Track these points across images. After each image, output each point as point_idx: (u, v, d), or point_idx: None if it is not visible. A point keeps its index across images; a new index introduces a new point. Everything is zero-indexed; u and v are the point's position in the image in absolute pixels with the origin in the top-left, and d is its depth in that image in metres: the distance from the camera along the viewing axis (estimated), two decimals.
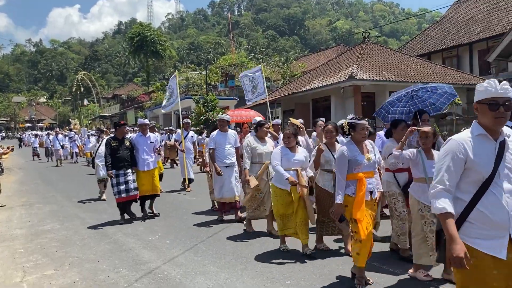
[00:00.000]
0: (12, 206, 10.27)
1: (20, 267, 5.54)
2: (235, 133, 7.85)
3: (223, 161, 7.44)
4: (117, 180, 7.80)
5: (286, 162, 5.49)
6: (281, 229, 5.66)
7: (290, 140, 5.58)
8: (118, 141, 7.96)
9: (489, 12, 26.66)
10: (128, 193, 7.85)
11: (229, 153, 7.50)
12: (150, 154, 8.32)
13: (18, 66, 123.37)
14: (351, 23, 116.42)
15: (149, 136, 8.42)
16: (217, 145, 7.46)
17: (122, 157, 7.86)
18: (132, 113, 48.15)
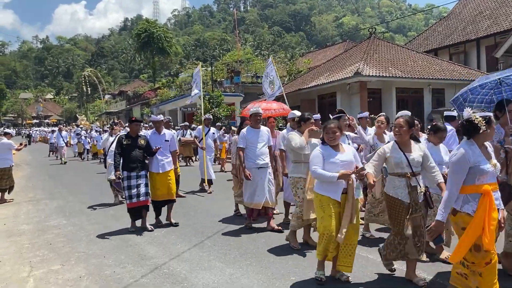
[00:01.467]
0: (19, 202, 10.35)
1: (27, 262, 5.59)
2: (268, 130, 6.93)
3: (256, 162, 6.57)
4: (129, 183, 6.89)
5: (329, 165, 4.41)
6: (323, 251, 4.45)
7: (336, 136, 4.54)
8: (131, 139, 7.05)
9: (497, 7, 26.40)
10: (139, 198, 6.93)
11: (262, 153, 6.62)
12: (166, 154, 7.32)
13: (25, 63, 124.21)
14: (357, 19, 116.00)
15: (164, 133, 7.49)
16: (249, 143, 6.62)
17: (135, 157, 6.94)
18: (138, 109, 48.26)
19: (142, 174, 7.01)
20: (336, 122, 4.66)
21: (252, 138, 6.62)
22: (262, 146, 6.66)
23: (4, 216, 8.73)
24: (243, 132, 6.70)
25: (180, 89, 38.36)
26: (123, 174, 6.90)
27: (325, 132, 4.59)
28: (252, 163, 6.57)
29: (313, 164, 4.50)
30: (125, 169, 6.91)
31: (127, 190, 6.90)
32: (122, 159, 6.98)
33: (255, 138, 6.63)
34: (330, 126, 4.55)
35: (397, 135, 4.38)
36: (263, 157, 6.63)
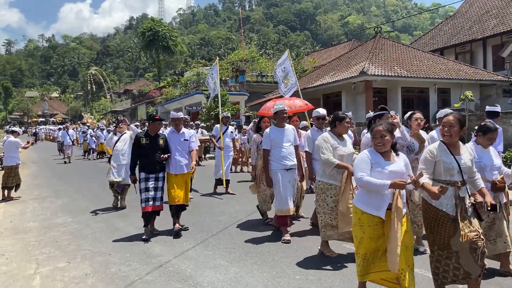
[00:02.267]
0: (26, 200, 10.41)
1: (34, 259, 5.63)
2: (293, 128, 6.34)
3: (283, 163, 6.02)
4: (146, 185, 6.42)
5: (378, 174, 3.64)
6: (363, 272, 3.81)
7: (385, 141, 3.70)
8: (150, 139, 6.55)
9: (504, 6, 26.25)
10: (155, 202, 6.49)
11: (289, 153, 6.07)
12: (185, 155, 6.76)
13: (31, 61, 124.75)
14: (363, 18, 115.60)
15: (183, 132, 6.85)
16: (274, 144, 6.05)
17: (153, 158, 6.47)
18: (143, 108, 48.43)
19: (161, 177, 6.58)
20: (386, 124, 3.79)
21: (278, 138, 6.07)
22: (289, 146, 6.14)
23: (10, 213, 8.80)
24: (267, 132, 6.14)
25: (185, 88, 38.39)
26: (140, 175, 6.48)
27: (372, 136, 3.79)
28: (279, 165, 6.04)
29: (359, 170, 3.71)
30: (142, 171, 6.48)
31: (144, 192, 6.42)
32: (139, 160, 6.53)
33: (280, 138, 6.08)
34: (378, 128, 3.73)
35: (446, 135, 3.76)
36: (291, 157, 6.11)
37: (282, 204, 5.98)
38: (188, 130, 7.10)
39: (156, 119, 6.67)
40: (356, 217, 3.83)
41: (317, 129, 6.24)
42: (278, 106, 6.19)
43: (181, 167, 6.69)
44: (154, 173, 6.49)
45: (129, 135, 9.02)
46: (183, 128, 6.97)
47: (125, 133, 9.15)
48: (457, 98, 19.48)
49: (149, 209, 6.43)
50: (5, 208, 9.41)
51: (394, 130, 3.83)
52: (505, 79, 21.19)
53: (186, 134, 6.88)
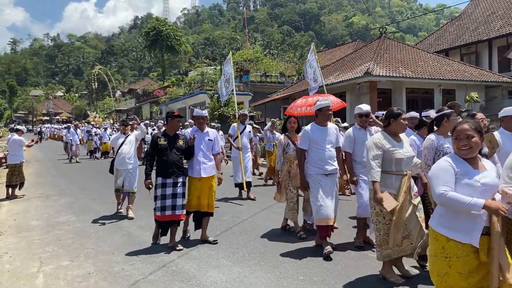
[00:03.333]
0: (30, 198, 10.43)
1: (37, 257, 5.63)
2: (336, 128, 5.66)
3: (324, 167, 5.34)
4: (163, 192, 5.73)
5: (463, 189, 2.85)
6: None
7: (472, 144, 2.94)
8: (168, 139, 5.88)
9: (509, 7, 26.12)
10: (174, 210, 5.78)
11: (330, 156, 5.40)
12: (209, 156, 6.10)
13: (36, 60, 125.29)
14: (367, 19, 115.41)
15: (207, 131, 6.18)
16: (313, 144, 5.37)
17: (172, 160, 5.78)
18: (147, 107, 48.54)
19: (180, 182, 5.86)
20: (472, 122, 3.03)
21: (319, 138, 5.37)
22: (331, 148, 5.46)
23: (14, 211, 8.81)
24: (306, 130, 5.42)
25: (189, 87, 38.44)
26: (157, 180, 5.80)
27: (455, 137, 3.02)
28: (319, 169, 5.35)
29: (440, 183, 2.88)
30: (159, 175, 5.79)
31: (161, 200, 5.73)
32: (156, 162, 5.87)
33: (322, 138, 5.38)
34: (463, 127, 2.98)
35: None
36: (332, 161, 5.43)
37: (321, 213, 5.26)
38: (212, 130, 6.42)
39: (175, 116, 5.98)
40: (437, 246, 2.94)
41: (359, 127, 5.66)
42: (322, 102, 5.44)
43: (206, 169, 5.99)
44: (172, 178, 5.79)
45: (135, 137, 8.19)
46: (207, 127, 6.30)
47: (130, 135, 8.19)
48: (462, 99, 19.40)
49: (165, 218, 5.75)
50: (9, 206, 9.43)
51: (482, 130, 3.07)
52: (511, 80, 21.08)
53: (211, 134, 6.19)
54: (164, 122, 20.11)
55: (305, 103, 8.33)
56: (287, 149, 6.35)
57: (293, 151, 6.26)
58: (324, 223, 5.26)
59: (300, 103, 8.35)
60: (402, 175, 4.24)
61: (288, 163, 6.32)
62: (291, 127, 6.51)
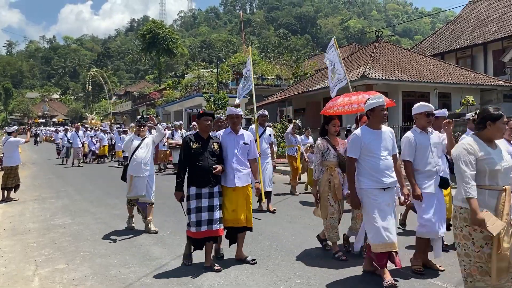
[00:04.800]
0: (25, 200, 10.38)
1: (32, 260, 5.60)
2: (392, 132, 4.70)
3: (380, 180, 4.39)
4: (198, 204, 4.98)
5: None
6: None
7: None
8: (201, 142, 5.12)
9: (504, 11, 26.30)
10: (212, 225, 5.00)
11: (387, 166, 4.47)
12: (245, 163, 5.31)
13: (32, 63, 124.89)
14: (363, 22, 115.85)
15: (242, 134, 5.37)
16: (366, 151, 4.46)
17: (208, 167, 5.00)
18: (143, 110, 48.49)
19: (216, 192, 5.10)
20: None
21: (372, 144, 4.46)
22: (387, 156, 4.52)
23: (10, 214, 8.77)
24: (357, 134, 4.53)
25: (185, 90, 38.46)
26: (189, 191, 5.06)
27: None
28: (375, 182, 4.41)
29: None
30: (192, 184, 5.03)
31: (195, 213, 4.97)
32: (188, 170, 5.10)
33: (376, 144, 4.47)
34: None
35: None
36: (390, 172, 4.48)
37: (379, 236, 4.31)
38: (247, 132, 5.57)
39: (201, 115, 5.20)
40: None
41: (420, 130, 4.82)
42: (375, 100, 4.51)
43: (241, 178, 5.19)
44: (207, 187, 5.04)
45: (152, 139, 7.37)
46: (241, 128, 5.48)
47: (147, 138, 7.29)
48: (457, 102, 19.48)
49: (201, 234, 4.99)
50: (4, 209, 9.39)
51: None
52: (506, 84, 21.19)
53: (246, 137, 5.38)
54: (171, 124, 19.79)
55: (348, 102, 7.05)
56: (327, 155, 5.46)
57: (334, 157, 5.43)
58: (383, 249, 4.30)
59: (342, 102, 7.17)
60: (498, 190, 3.38)
61: (328, 171, 5.41)
62: (335, 130, 5.58)
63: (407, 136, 4.85)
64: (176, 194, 5.12)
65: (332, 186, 5.38)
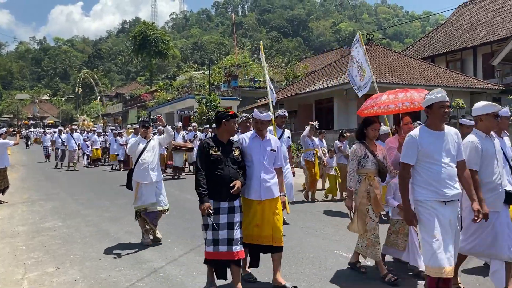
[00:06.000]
0: (14, 203, 10.27)
1: (21, 264, 5.54)
2: (457, 134, 3.91)
3: (441, 191, 3.67)
4: (216, 220, 4.25)
5: None
6: None
7: None
8: (221, 147, 4.42)
9: (493, 15, 26.61)
10: (231, 246, 4.25)
11: (450, 175, 3.73)
12: (272, 172, 4.63)
13: (21, 64, 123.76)
14: (355, 25, 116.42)
15: (269, 139, 4.71)
16: (424, 157, 3.75)
17: (229, 177, 4.30)
18: (134, 112, 48.33)
19: (237, 207, 4.38)
20: None
21: (432, 147, 3.74)
22: (450, 162, 3.76)
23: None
24: (413, 136, 3.82)
25: (177, 92, 38.39)
26: None
27: None
28: (434, 194, 3.69)
29: None
30: (210, 197, 4.29)
31: (212, 231, 4.26)
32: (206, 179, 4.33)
33: (436, 148, 3.74)
34: None
35: None
36: (453, 182, 3.74)
37: (435, 259, 3.59)
38: (274, 137, 4.94)
39: (232, 116, 4.48)
40: None
41: (485, 135, 4.10)
42: (432, 96, 3.80)
43: (268, 189, 4.50)
44: (228, 201, 4.32)
45: (159, 142, 6.75)
46: (268, 133, 4.83)
47: (152, 140, 6.65)
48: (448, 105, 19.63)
49: (219, 256, 4.26)
50: None
51: None
52: (495, 87, 21.42)
53: (273, 143, 4.71)
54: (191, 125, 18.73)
55: (394, 100, 6.04)
56: (364, 162, 4.86)
57: (372, 164, 4.83)
58: (437, 274, 3.60)
59: (387, 100, 6.13)
60: None
61: (366, 181, 4.81)
62: (374, 135, 4.98)
63: (472, 141, 4.12)
64: (201, 207, 4.23)
65: (372, 198, 4.75)
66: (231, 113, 4.47)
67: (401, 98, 6.04)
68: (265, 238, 4.44)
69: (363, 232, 4.76)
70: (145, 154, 6.38)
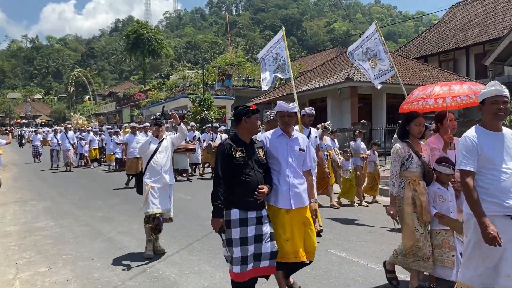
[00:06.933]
0: (6, 203, 10.19)
1: (13, 264, 5.50)
2: None
3: (505, 204, 3.08)
4: (243, 233, 3.66)
5: None
6: None
7: None
8: (245, 148, 3.79)
9: (486, 16, 26.82)
10: (259, 262, 3.73)
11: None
12: (301, 176, 3.96)
13: (13, 62, 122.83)
14: (348, 25, 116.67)
15: (296, 137, 4.04)
16: (484, 163, 3.18)
17: (256, 182, 3.72)
18: (128, 111, 48.16)
19: (265, 216, 3.80)
20: None
21: (491, 151, 3.18)
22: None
23: None
24: (471, 138, 3.22)
25: (170, 91, 38.30)
26: (230, 215, 3.69)
27: None
28: (496, 206, 3.11)
29: None
30: (235, 206, 3.69)
31: (240, 247, 3.64)
32: (227, 187, 3.71)
33: (497, 152, 3.19)
34: None
35: None
36: None
37: (477, 280, 3.17)
38: (301, 134, 4.25)
39: (254, 112, 3.85)
40: None
41: None
42: (486, 89, 3.29)
43: (298, 196, 3.86)
44: (255, 210, 3.73)
45: (172, 142, 6.07)
46: (294, 129, 4.17)
47: (165, 140, 6.01)
48: None
49: (248, 275, 3.68)
50: None
51: None
52: None
53: (301, 141, 4.04)
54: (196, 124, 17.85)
55: (448, 92, 5.04)
56: (408, 164, 4.25)
57: (417, 166, 4.22)
58: None
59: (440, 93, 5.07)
60: None
61: (410, 186, 4.18)
62: (419, 131, 4.28)
63: None
64: (214, 222, 3.67)
65: (418, 206, 4.11)
66: (253, 107, 3.85)
67: (457, 90, 5.10)
68: (298, 254, 3.79)
69: (411, 244, 4.07)
70: (157, 155, 5.79)
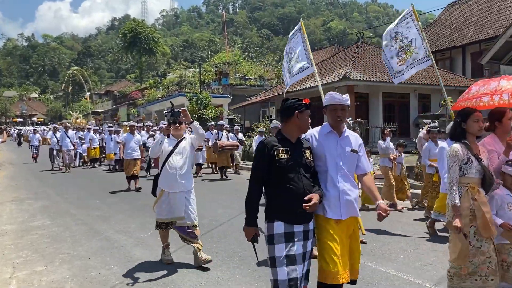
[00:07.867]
0: (3, 202, 10.16)
1: (10, 263, 5.49)
2: None
3: None
4: (289, 250, 3.07)
5: None
6: None
7: None
8: (291, 149, 3.17)
9: (482, 15, 26.89)
10: (301, 283, 3.13)
11: None
12: (353, 181, 3.34)
13: (9, 61, 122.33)
14: (345, 24, 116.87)
15: (347, 136, 3.38)
16: None
17: (303, 189, 3.10)
18: (124, 109, 48.06)
19: (311, 230, 3.21)
20: None
21: None
22: None
23: None
24: None
25: (167, 89, 38.24)
26: (274, 229, 3.11)
27: None
28: None
29: None
30: (279, 218, 3.11)
31: (286, 266, 3.04)
32: (270, 193, 3.20)
33: None
34: None
35: None
36: None
37: None
38: (353, 133, 3.51)
39: (307, 106, 3.27)
40: None
41: None
42: None
43: (350, 204, 3.24)
44: (302, 223, 3.13)
45: (191, 143, 5.44)
46: (345, 127, 3.43)
47: (184, 140, 5.40)
48: (437, 103, 19.83)
49: None
50: None
51: None
52: None
53: (354, 140, 3.38)
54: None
55: None
56: (466, 168, 3.59)
57: (477, 172, 3.57)
58: None
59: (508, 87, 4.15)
60: None
61: (469, 194, 3.56)
62: (479, 128, 3.64)
63: None
64: (247, 230, 3.20)
65: (479, 218, 3.48)
66: (306, 101, 3.24)
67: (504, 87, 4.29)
68: (346, 272, 3.13)
69: (464, 263, 3.49)
70: (173, 157, 5.19)
